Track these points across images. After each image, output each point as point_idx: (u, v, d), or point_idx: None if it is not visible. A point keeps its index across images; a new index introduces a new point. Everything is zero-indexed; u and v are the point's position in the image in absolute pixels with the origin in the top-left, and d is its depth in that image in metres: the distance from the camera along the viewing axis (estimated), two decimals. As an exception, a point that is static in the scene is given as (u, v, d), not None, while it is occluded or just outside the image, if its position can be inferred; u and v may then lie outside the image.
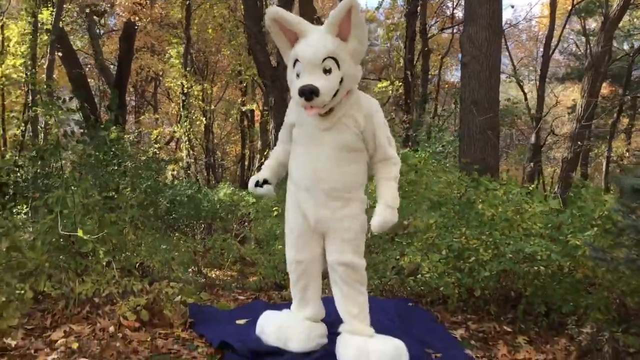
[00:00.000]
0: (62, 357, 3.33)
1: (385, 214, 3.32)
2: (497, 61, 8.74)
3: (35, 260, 4.08)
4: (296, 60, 3.24)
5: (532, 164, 15.20)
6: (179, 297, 4.07)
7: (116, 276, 4.20)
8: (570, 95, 23.14)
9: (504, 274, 4.28)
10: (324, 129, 3.31)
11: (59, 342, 3.51)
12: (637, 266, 3.52)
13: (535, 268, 4.02)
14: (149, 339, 3.61)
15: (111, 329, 3.66)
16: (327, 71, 3.15)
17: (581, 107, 14.98)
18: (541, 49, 19.29)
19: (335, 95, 3.19)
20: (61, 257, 4.35)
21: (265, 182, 3.62)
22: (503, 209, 4.50)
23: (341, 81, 3.18)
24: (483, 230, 4.40)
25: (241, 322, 3.97)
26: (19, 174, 8.01)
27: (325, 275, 3.67)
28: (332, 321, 3.67)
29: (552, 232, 4.23)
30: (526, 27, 27.42)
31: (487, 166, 7.78)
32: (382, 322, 3.82)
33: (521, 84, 18.95)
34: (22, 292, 3.82)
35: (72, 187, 4.67)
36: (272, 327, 3.62)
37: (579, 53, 21.55)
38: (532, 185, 5.15)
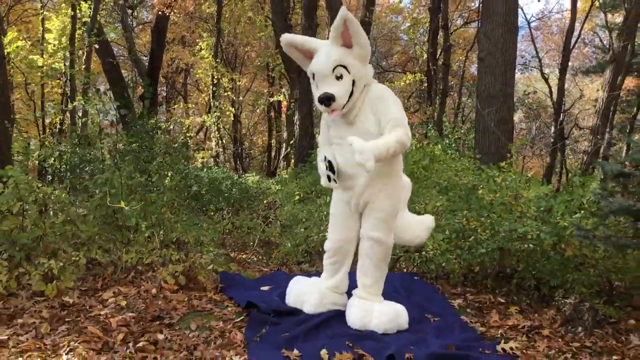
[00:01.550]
0: (112, 312, 3.93)
1: (366, 144, 3.50)
2: (512, 57, 9.15)
3: (88, 232, 4.71)
4: (313, 75, 3.81)
5: (549, 155, 15.45)
6: (211, 266, 4.68)
7: (157, 247, 4.81)
8: (596, 88, 23.18)
9: (499, 252, 4.77)
10: (349, 124, 3.85)
11: (109, 300, 4.13)
12: (612, 242, 3.98)
13: (526, 246, 4.50)
14: (186, 299, 4.24)
15: (154, 290, 4.29)
16: (339, 77, 3.70)
17: (602, 100, 15.24)
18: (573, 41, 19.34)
19: (351, 95, 3.73)
20: (109, 230, 4.97)
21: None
22: (501, 194, 4.98)
23: (353, 83, 3.72)
24: (482, 213, 4.89)
25: (265, 288, 4.56)
26: (62, 160, 8.72)
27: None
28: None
29: (543, 215, 4.70)
30: (557, 19, 27.42)
31: (502, 158, 8.20)
32: (387, 292, 4.35)
33: (545, 76, 19.14)
34: (77, 258, 4.46)
35: (119, 170, 5.28)
36: (296, 290, 4.26)
37: (605, 47, 21.57)
38: (531, 174, 5.58)
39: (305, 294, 4.16)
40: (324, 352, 3.42)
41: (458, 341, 3.75)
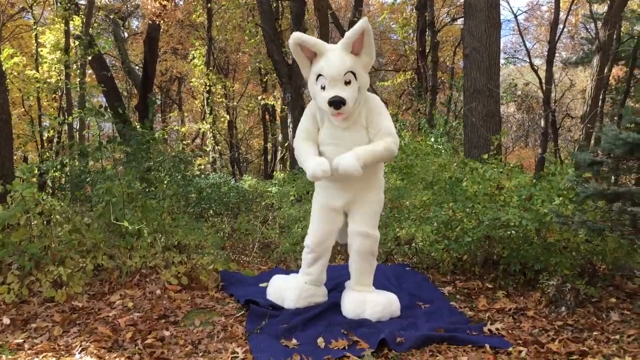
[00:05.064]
0: (120, 313, 4.17)
1: (347, 158, 3.80)
2: (496, 51, 9.37)
3: (93, 239, 4.95)
4: (319, 75, 3.93)
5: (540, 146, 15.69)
6: (212, 265, 4.92)
7: (158, 252, 5.05)
8: (587, 77, 23.45)
9: (485, 239, 5.01)
10: (345, 129, 4.04)
11: (117, 302, 4.37)
12: (587, 226, 4.22)
13: (509, 233, 4.74)
14: (189, 298, 4.49)
15: (158, 291, 4.53)
16: (347, 83, 3.87)
17: (591, 89, 15.50)
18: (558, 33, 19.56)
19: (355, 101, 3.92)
20: (113, 237, 5.21)
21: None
22: (484, 185, 5.22)
23: (358, 89, 3.92)
24: (467, 204, 5.13)
25: (263, 285, 4.78)
26: (63, 172, 8.95)
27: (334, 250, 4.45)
28: (338, 283, 4.56)
29: (524, 203, 4.93)
30: (548, 10, 27.58)
31: (490, 151, 8.43)
32: (380, 282, 4.60)
33: (535, 68, 19.40)
34: (84, 265, 4.70)
35: (118, 180, 5.52)
36: (274, 288, 4.48)
37: (592, 37, 21.84)
38: (513, 165, 5.83)
39: (284, 290, 4.38)
40: (320, 340, 3.67)
41: (447, 324, 3.99)
